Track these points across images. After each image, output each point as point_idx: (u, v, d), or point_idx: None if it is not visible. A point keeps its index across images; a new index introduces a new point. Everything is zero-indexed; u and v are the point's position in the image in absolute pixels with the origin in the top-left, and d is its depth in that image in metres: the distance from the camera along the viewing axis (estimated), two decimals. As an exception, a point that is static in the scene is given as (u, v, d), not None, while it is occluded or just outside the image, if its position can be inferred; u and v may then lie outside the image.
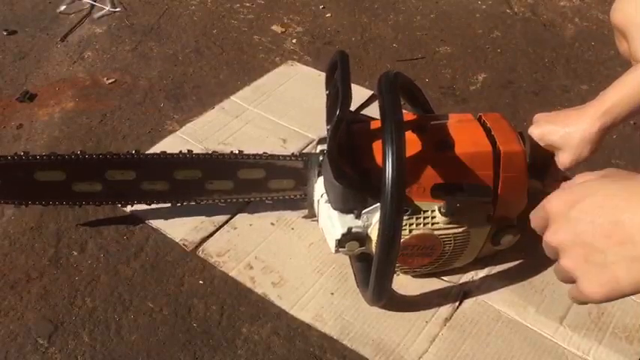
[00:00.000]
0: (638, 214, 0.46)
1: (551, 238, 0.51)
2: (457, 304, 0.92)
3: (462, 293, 0.93)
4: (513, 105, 1.35)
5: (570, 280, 0.51)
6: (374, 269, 0.77)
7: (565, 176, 0.93)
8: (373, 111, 0.79)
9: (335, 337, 0.87)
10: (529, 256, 0.96)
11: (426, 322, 0.89)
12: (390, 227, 0.72)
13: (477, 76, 1.44)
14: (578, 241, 0.49)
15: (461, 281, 0.95)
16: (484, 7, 1.70)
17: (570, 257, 0.50)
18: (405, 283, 0.94)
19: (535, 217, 0.55)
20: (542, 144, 0.88)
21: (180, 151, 0.95)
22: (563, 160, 0.87)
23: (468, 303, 0.92)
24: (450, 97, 1.37)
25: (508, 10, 1.69)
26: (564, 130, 0.85)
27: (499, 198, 0.85)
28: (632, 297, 0.93)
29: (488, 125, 0.87)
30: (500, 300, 0.93)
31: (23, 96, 1.31)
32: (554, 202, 0.52)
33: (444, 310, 0.91)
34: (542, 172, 0.90)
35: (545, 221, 0.53)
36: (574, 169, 0.90)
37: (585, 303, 0.51)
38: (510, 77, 1.44)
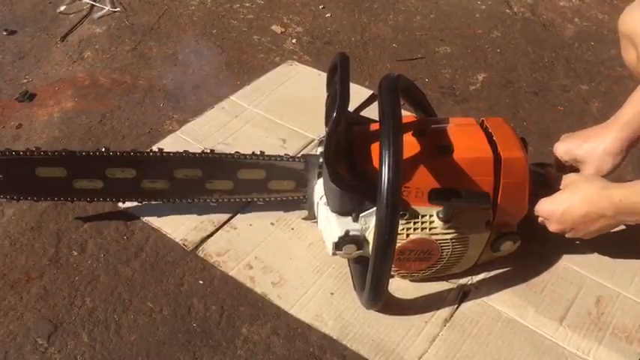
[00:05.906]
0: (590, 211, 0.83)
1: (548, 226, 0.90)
2: (457, 304, 0.92)
3: (461, 294, 0.93)
4: (513, 105, 1.35)
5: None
6: (369, 272, 0.77)
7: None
8: (374, 112, 0.79)
9: (335, 337, 0.87)
10: (529, 256, 0.96)
11: (426, 322, 0.89)
12: (386, 231, 0.71)
13: (477, 76, 1.44)
14: (566, 227, 0.88)
15: (460, 282, 0.95)
16: (484, 7, 1.70)
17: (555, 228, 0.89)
18: (404, 285, 0.94)
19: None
20: (567, 159, 0.94)
21: (184, 151, 0.96)
22: (587, 173, 0.92)
23: (468, 303, 0.92)
24: (449, 97, 1.37)
25: (508, 10, 1.69)
26: (587, 145, 0.91)
27: (499, 204, 0.85)
28: (632, 297, 0.93)
29: (490, 130, 0.87)
30: (500, 300, 0.93)
31: (23, 96, 1.31)
32: (546, 208, 0.89)
33: (444, 310, 0.91)
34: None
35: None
36: None
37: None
38: (510, 77, 1.44)
